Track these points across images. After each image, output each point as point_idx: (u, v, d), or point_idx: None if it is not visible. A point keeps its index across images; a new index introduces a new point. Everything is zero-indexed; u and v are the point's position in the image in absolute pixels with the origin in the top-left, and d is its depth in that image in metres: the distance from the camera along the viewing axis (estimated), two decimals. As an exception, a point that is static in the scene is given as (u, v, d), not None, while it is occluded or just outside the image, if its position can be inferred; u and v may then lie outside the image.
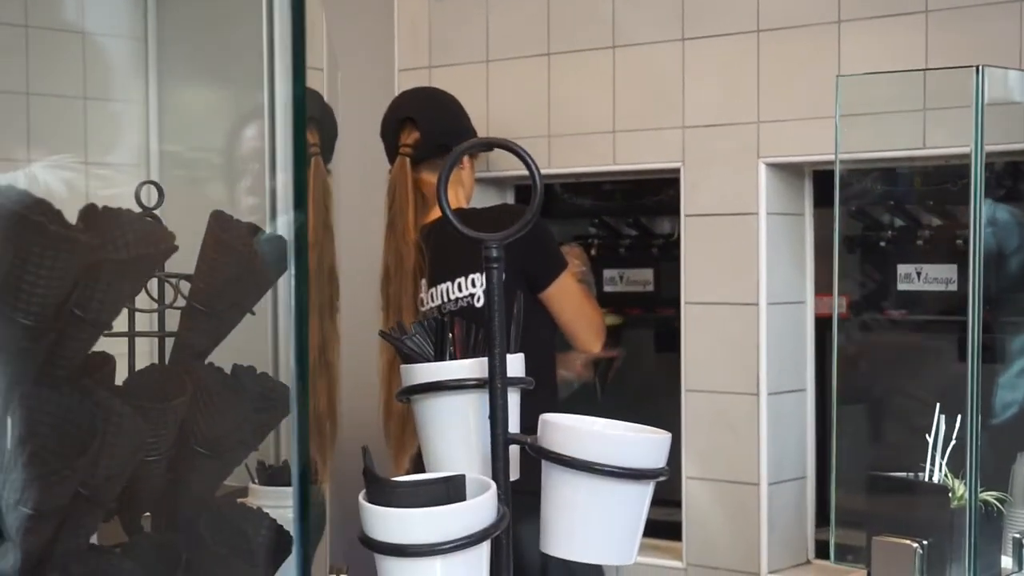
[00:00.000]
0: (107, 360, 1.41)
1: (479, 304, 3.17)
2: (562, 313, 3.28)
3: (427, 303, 3.29)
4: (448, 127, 3.38)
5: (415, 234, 3.31)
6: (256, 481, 1.81)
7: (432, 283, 3.29)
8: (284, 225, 1.33)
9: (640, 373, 3.89)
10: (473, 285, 3.21)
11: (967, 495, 2.06)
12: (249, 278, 1.48)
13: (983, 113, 2.21)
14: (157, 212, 1.82)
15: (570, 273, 3.29)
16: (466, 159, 3.40)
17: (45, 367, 1.26)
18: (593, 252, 3.97)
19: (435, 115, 3.41)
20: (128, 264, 1.27)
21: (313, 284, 2.34)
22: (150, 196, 1.81)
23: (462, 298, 3.23)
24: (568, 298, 3.28)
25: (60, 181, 1.87)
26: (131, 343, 1.68)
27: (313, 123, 2.55)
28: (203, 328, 1.50)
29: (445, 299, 3.26)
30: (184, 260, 1.51)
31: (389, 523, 1.41)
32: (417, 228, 3.32)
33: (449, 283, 3.26)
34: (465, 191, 3.45)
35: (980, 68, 2.18)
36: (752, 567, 3.40)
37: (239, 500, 1.63)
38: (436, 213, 3.29)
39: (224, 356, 1.52)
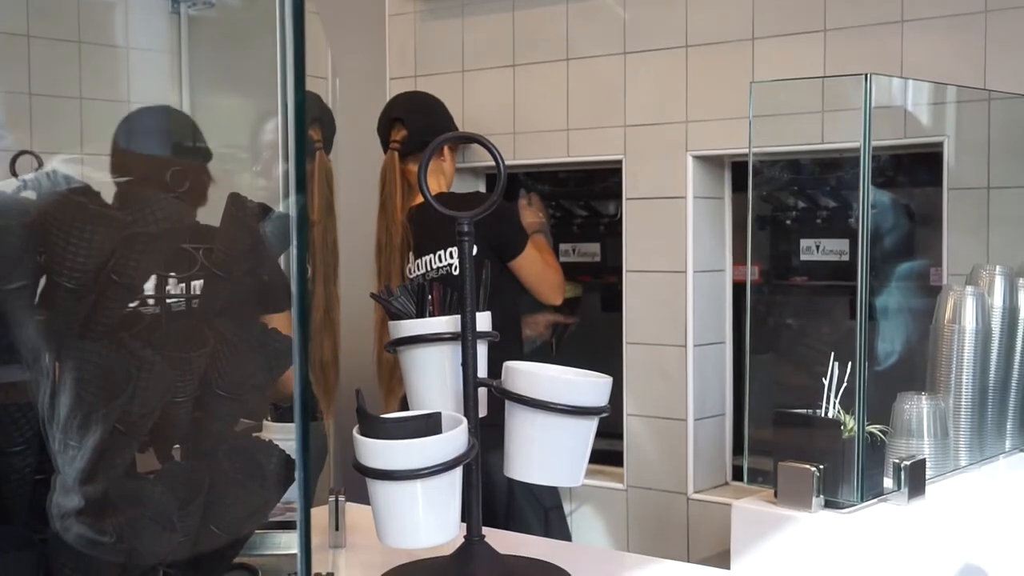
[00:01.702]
0: (140, 317, 1.38)
1: (456, 272, 3.12)
2: (527, 278, 3.27)
3: (414, 272, 3.28)
4: (431, 126, 3.33)
5: (402, 215, 3.29)
6: (269, 418, 1.78)
7: (418, 255, 3.27)
8: (288, 205, 1.30)
9: (589, 329, 3.87)
10: (451, 256, 3.20)
11: (856, 427, 2.05)
12: (260, 249, 1.45)
13: (871, 114, 2.18)
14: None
15: (532, 243, 3.28)
16: (447, 151, 3.38)
17: (87, 323, 1.23)
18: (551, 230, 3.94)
19: (420, 115, 3.39)
20: (156, 237, 1.24)
21: (318, 255, 2.31)
22: (179, 181, 1.77)
23: (442, 267, 3.22)
24: (531, 266, 3.26)
25: (101, 170, 1.84)
26: (162, 304, 1.65)
27: (316, 122, 2.52)
28: (222, 291, 1.47)
29: (428, 268, 3.25)
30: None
31: (377, 452, 1.39)
32: (404, 210, 3.31)
33: (431, 255, 3.24)
34: (446, 178, 3.41)
35: (868, 76, 2.16)
36: (680, 487, 3.39)
37: (254, 434, 1.60)
38: (421, 197, 3.27)
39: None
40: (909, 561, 2.06)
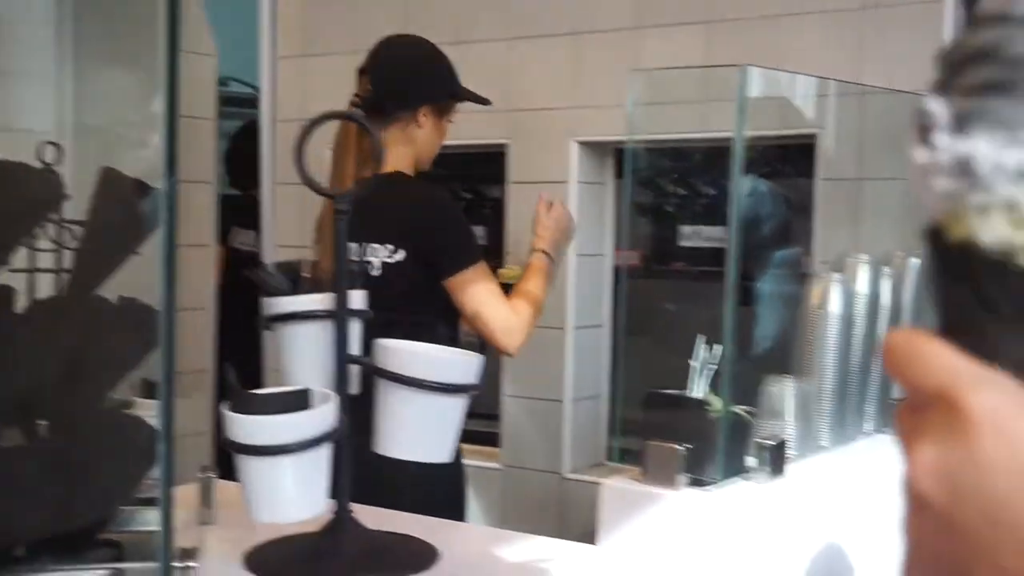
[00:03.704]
0: (9, 291, 1.38)
1: (375, 273, 2.55)
2: (462, 308, 2.57)
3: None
4: (401, 82, 2.73)
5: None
6: (139, 395, 1.78)
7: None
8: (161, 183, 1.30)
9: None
10: (375, 255, 2.58)
11: (722, 408, 2.12)
12: (133, 225, 1.45)
13: (745, 104, 2.24)
14: (66, 169, 1.78)
15: (484, 271, 2.60)
16: (425, 119, 2.72)
17: (-49, 296, 1.23)
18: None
19: (388, 69, 2.74)
20: (23, 209, 1.24)
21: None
22: (53, 154, 1.76)
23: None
24: (466, 295, 2.55)
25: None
26: (32, 278, 1.64)
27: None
28: (93, 266, 1.47)
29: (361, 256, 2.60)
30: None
31: (247, 427, 1.40)
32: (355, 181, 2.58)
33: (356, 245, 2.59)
34: (417, 151, 2.71)
35: (744, 68, 2.22)
36: (556, 467, 3.45)
37: (123, 410, 1.60)
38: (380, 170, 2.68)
39: (116, 289, 1.49)
40: (771, 537, 2.13)
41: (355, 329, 1.61)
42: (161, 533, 1.09)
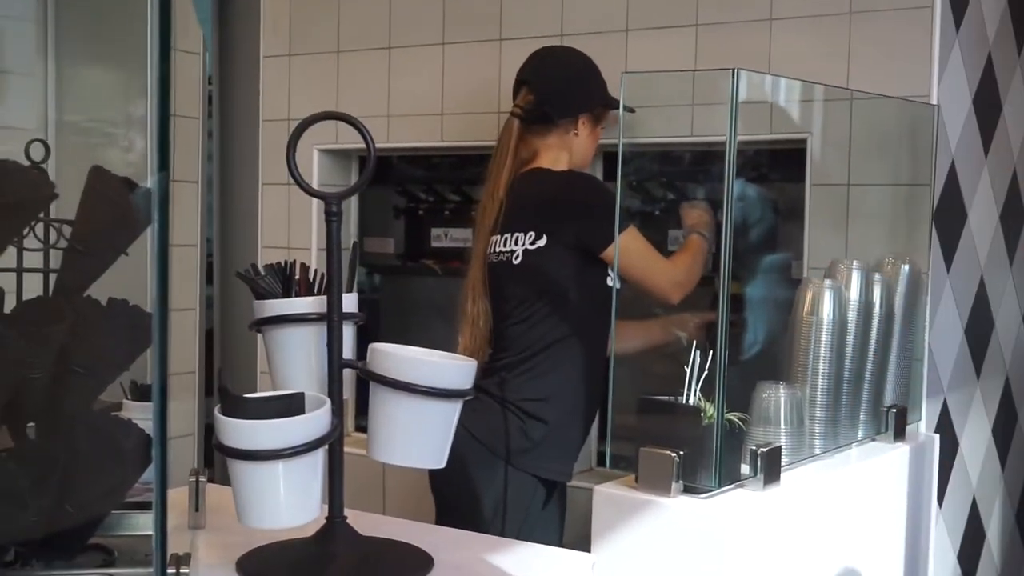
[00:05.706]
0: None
1: (516, 261, 2.79)
2: (626, 272, 2.72)
3: (490, 248, 2.88)
4: (562, 94, 2.89)
5: (503, 192, 2.88)
6: (128, 397, 1.76)
7: (494, 231, 2.86)
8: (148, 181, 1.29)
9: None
10: (516, 243, 2.79)
11: (715, 414, 2.10)
12: (123, 224, 1.43)
13: (737, 108, 2.24)
14: (48, 167, 1.76)
15: (629, 233, 2.73)
16: (583, 126, 2.92)
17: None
18: (420, 213, 3.96)
19: (551, 80, 2.91)
20: (10, 207, 1.22)
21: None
22: (41, 152, 1.74)
23: (504, 252, 2.82)
24: (627, 260, 2.69)
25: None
26: (19, 278, 1.62)
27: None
28: (82, 266, 1.45)
29: (493, 249, 2.85)
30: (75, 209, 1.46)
31: (239, 432, 1.39)
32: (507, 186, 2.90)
33: (498, 236, 2.84)
34: (572, 158, 2.91)
35: (736, 71, 2.21)
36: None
37: (113, 413, 1.58)
38: (529, 167, 2.92)
39: (104, 290, 1.47)
40: (765, 544, 2.12)
41: (348, 332, 1.59)
42: (156, 538, 1.07)
